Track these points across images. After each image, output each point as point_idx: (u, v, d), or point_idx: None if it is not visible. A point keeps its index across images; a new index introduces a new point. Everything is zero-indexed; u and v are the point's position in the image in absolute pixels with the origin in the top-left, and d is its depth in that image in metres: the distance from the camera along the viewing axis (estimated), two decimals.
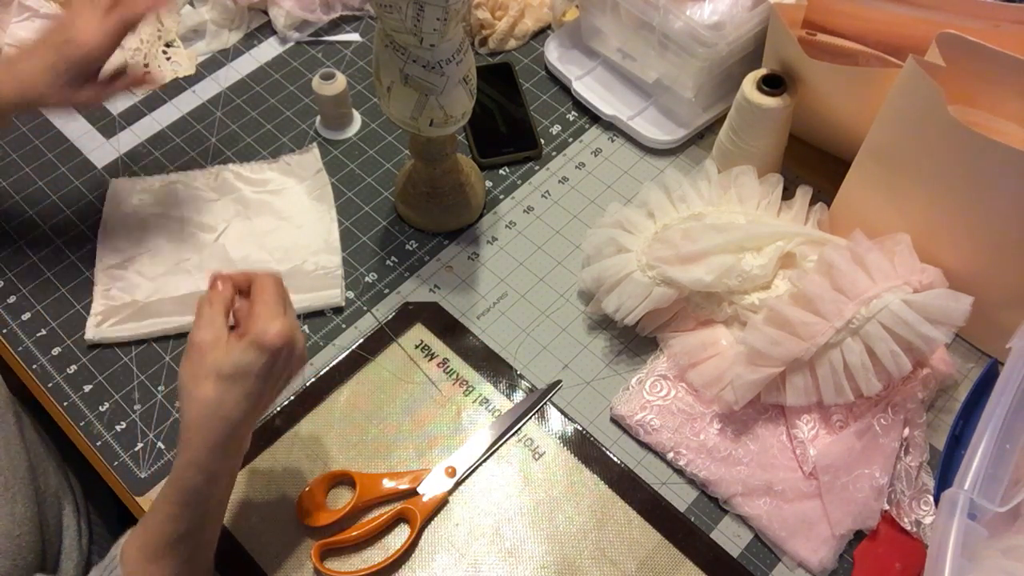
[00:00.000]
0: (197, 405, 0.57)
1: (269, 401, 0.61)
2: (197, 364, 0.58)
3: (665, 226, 0.78)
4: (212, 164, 0.92)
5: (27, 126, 0.96)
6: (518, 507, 0.71)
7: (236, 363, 0.57)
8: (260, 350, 0.57)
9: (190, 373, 0.58)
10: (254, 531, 0.70)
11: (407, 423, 0.75)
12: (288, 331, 0.59)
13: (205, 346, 0.58)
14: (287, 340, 0.58)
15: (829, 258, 0.72)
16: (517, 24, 1.02)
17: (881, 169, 0.74)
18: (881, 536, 0.69)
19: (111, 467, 0.74)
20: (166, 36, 1.02)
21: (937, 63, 0.66)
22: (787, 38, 0.77)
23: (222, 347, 0.58)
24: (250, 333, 0.58)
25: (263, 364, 0.58)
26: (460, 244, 0.87)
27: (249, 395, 0.58)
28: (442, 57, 0.69)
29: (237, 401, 0.58)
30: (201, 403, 0.57)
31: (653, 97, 0.94)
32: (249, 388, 0.58)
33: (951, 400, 0.76)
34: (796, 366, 0.71)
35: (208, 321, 0.59)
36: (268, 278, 0.62)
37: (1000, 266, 0.71)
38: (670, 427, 0.74)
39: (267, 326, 0.58)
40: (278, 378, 0.60)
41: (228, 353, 0.57)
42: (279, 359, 0.59)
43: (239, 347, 0.58)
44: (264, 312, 0.59)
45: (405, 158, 0.93)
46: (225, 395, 0.57)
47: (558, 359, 0.79)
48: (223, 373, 0.57)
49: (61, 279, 0.85)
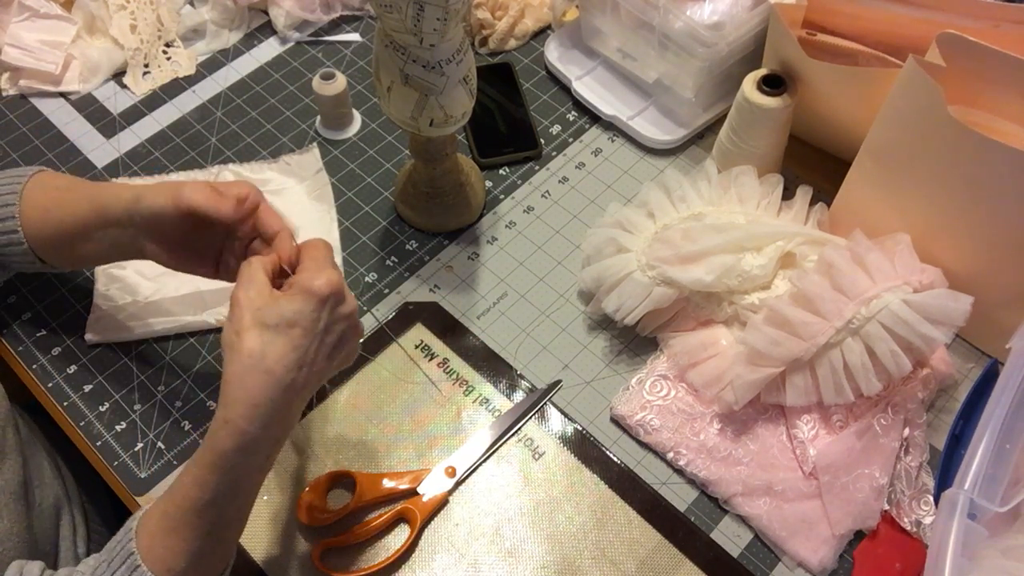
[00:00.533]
0: (239, 357, 0.54)
1: (320, 370, 0.58)
2: (239, 319, 0.55)
3: (665, 226, 0.78)
4: (212, 164, 0.92)
5: (27, 126, 0.96)
6: (518, 507, 0.71)
7: (282, 312, 0.54)
8: (307, 297, 0.55)
9: (232, 329, 0.55)
10: (254, 531, 0.70)
11: (407, 423, 0.75)
12: (337, 280, 0.56)
13: (247, 300, 0.55)
14: (335, 288, 0.56)
15: (829, 258, 0.72)
16: (517, 24, 1.02)
17: (881, 169, 0.74)
18: (881, 536, 0.69)
19: (111, 467, 0.74)
20: (166, 36, 1.02)
21: (937, 63, 0.66)
22: (787, 38, 0.77)
23: (266, 298, 0.55)
24: (297, 283, 0.55)
25: (310, 313, 0.55)
26: (460, 244, 0.87)
27: (296, 348, 0.55)
28: (442, 57, 0.69)
29: (281, 354, 0.54)
30: (243, 355, 0.54)
31: (653, 97, 0.94)
32: (296, 341, 0.55)
33: (951, 400, 0.76)
34: (796, 366, 0.71)
35: (248, 278, 0.56)
36: (317, 239, 0.60)
37: (1000, 266, 0.71)
38: (670, 427, 0.74)
39: (315, 274, 0.55)
40: (327, 338, 0.57)
41: (274, 303, 0.55)
42: (326, 311, 0.56)
43: (285, 297, 0.55)
44: (312, 264, 0.57)
45: (405, 158, 0.93)
46: (268, 347, 0.54)
47: (558, 359, 0.79)
48: (267, 323, 0.54)
49: (61, 279, 0.84)
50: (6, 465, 0.70)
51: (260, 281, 0.56)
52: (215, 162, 0.93)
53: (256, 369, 0.54)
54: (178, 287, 0.82)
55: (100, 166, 0.93)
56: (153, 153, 0.94)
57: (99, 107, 0.98)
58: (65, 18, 1.00)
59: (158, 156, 0.93)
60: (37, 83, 0.98)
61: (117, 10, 1.00)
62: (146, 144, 0.94)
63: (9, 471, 0.70)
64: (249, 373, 0.54)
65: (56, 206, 0.70)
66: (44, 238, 0.70)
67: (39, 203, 0.70)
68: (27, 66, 0.97)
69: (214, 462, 0.55)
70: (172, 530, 0.55)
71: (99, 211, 0.67)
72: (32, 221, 0.70)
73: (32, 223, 0.70)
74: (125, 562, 0.55)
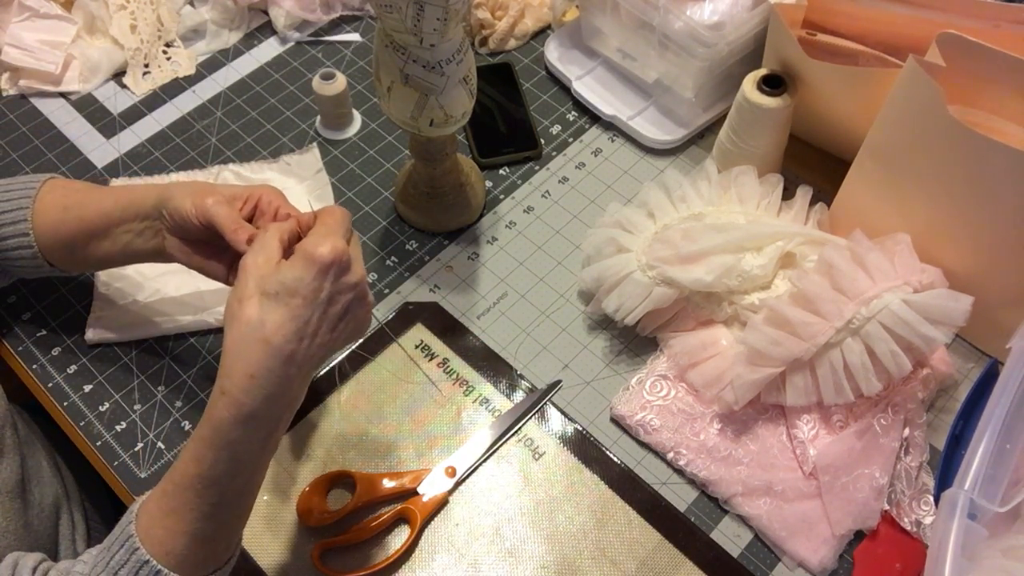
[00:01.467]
0: (238, 325, 0.53)
1: (325, 343, 0.56)
2: (242, 287, 0.53)
3: (665, 226, 0.78)
4: (212, 164, 0.92)
5: (27, 126, 0.96)
6: (518, 507, 0.71)
7: (282, 279, 0.53)
8: (307, 264, 0.53)
9: (236, 296, 0.54)
10: (254, 531, 0.70)
11: (407, 423, 0.75)
12: (342, 248, 0.54)
13: (254, 267, 0.54)
14: (338, 256, 0.54)
15: (829, 258, 0.72)
16: (517, 24, 1.02)
17: (881, 169, 0.74)
18: (881, 536, 0.69)
19: (111, 467, 0.74)
20: (166, 36, 1.02)
21: (937, 63, 0.66)
22: (787, 38, 0.77)
23: (272, 266, 0.54)
24: (299, 249, 0.54)
25: (310, 281, 0.53)
26: (460, 244, 0.87)
27: (295, 318, 0.53)
28: (442, 57, 0.69)
29: (280, 323, 0.53)
30: (242, 323, 0.53)
31: (653, 97, 0.94)
32: (295, 310, 0.53)
33: (951, 400, 0.76)
34: (796, 366, 0.71)
35: (260, 245, 0.55)
36: (336, 207, 0.59)
37: (1000, 266, 0.71)
38: (670, 427, 0.74)
39: (319, 240, 0.54)
40: (331, 309, 0.55)
41: (276, 271, 0.54)
42: (329, 280, 0.54)
43: (287, 264, 0.54)
44: (321, 230, 0.55)
45: (405, 158, 0.93)
46: (267, 315, 0.53)
47: (558, 359, 0.79)
48: (267, 291, 0.53)
49: (61, 279, 0.84)
50: (3, 463, 0.70)
51: (270, 248, 0.55)
52: (215, 162, 0.93)
53: (254, 338, 0.52)
54: (178, 287, 0.82)
55: (100, 166, 0.93)
56: (153, 153, 0.94)
57: (99, 107, 0.98)
58: (65, 18, 1.00)
59: (158, 156, 0.93)
60: (37, 83, 0.98)
61: (117, 10, 1.00)
62: (146, 144, 0.94)
63: (7, 469, 0.70)
64: (247, 342, 0.52)
65: (77, 204, 0.70)
66: (59, 238, 0.71)
67: (57, 203, 0.71)
68: (27, 66, 0.97)
69: (211, 436, 0.53)
70: (171, 510, 0.54)
71: (126, 206, 0.67)
72: (48, 222, 0.70)
73: (48, 223, 0.70)
74: (124, 545, 0.54)
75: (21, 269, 0.74)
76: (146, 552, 0.53)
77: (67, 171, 0.92)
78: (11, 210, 0.71)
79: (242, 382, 0.52)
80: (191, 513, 0.54)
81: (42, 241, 0.71)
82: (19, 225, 0.70)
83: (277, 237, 0.56)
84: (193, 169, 0.91)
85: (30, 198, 0.71)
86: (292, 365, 0.54)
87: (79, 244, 0.70)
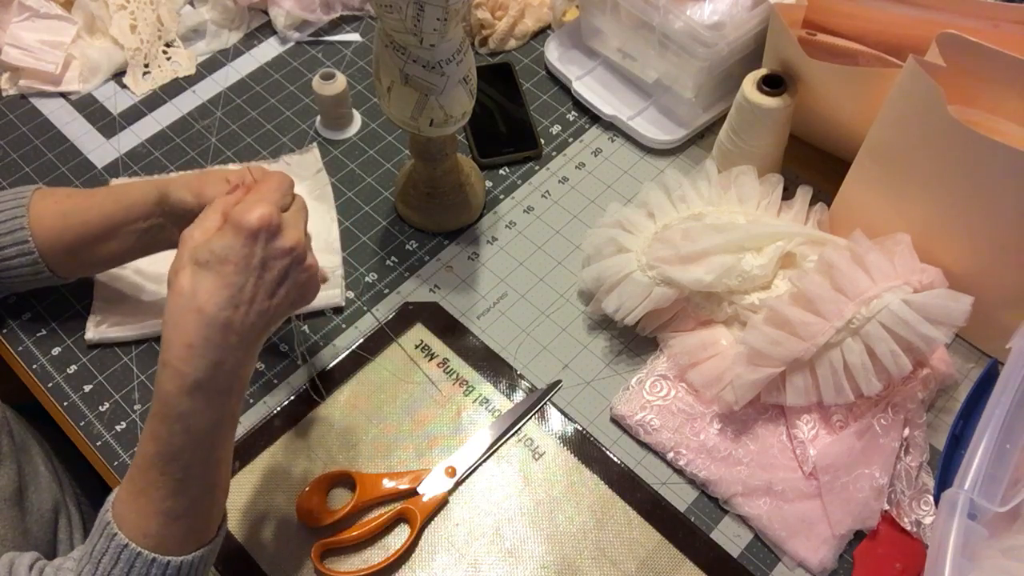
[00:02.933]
0: (173, 296, 0.53)
1: (264, 309, 0.56)
2: (179, 258, 0.54)
3: (665, 226, 0.79)
4: (212, 164, 0.92)
5: (27, 126, 0.96)
6: (518, 507, 0.71)
7: (212, 247, 0.53)
8: (236, 231, 0.53)
9: (172, 268, 0.54)
10: (254, 531, 0.70)
11: (407, 423, 0.75)
12: (269, 213, 0.54)
13: (188, 238, 0.54)
14: (265, 222, 0.54)
15: (829, 258, 0.72)
16: (517, 24, 1.02)
17: (881, 169, 0.74)
18: (881, 536, 0.69)
19: (111, 467, 0.74)
20: (166, 36, 1.02)
21: (937, 63, 0.66)
22: (787, 38, 0.77)
23: (207, 236, 0.54)
24: (229, 217, 0.54)
25: (240, 248, 0.53)
26: (460, 244, 0.87)
27: (228, 286, 0.53)
28: (442, 57, 0.69)
29: (212, 292, 0.53)
30: (176, 293, 0.53)
31: (653, 97, 0.94)
32: (227, 278, 0.53)
33: (951, 400, 0.76)
34: (796, 366, 0.71)
35: (202, 218, 0.55)
36: (276, 173, 0.59)
37: (1000, 266, 0.71)
38: (670, 427, 0.74)
39: (248, 207, 0.54)
40: (266, 275, 0.55)
41: (207, 241, 0.54)
42: (260, 245, 0.54)
43: (217, 233, 0.54)
44: (252, 197, 0.55)
45: (405, 158, 0.93)
46: (199, 284, 0.53)
47: (558, 359, 0.79)
48: (199, 260, 0.53)
49: None
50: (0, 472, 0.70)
51: (209, 220, 0.55)
52: (215, 162, 0.93)
53: (188, 308, 0.53)
54: None
55: (100, 166, 0.93)
56: (153, 153, 0.94)
57: (99, 107, 0.98)
58: (65, 18, 1.00)
59: (158, 156, 0.93)
60: (37, 83, 0.98)
61: (117, 10, 1.00)
62: (146, 144, 0.94)
63: (3, 478, 0.70)
64: (181, 312, 0.53)
65: (76, 209, 0.71)
66: (62, 244, 0.71)
67: (53, 210, 0.71)
68: (27, 66, 0.97)
69: (162, 410, 0.53)
70: (139, 491, 0.54)
71: (128, 206, 0.69)
72: (47, 229, 0.71)
73: (47, 231, 0.71)
74: (103, 533, 0.55)
75: (17, 280, 0.74)
76: (124, 537, 0.54)
77: (67, 171, 0.92)
78: (6, 220, 0.71)
79: (181, 352, 0.53)
80: (158, 492, 0.54)
81: (42, 248, 0.71)
82: (17, 234, 0.71)
83: (220, 211, 0.56)
84: (193, 169, 0.91)
85: (23, 207, 0.71)
86: (230, 333, 0.54)
87: (84, 248, 0.71)
